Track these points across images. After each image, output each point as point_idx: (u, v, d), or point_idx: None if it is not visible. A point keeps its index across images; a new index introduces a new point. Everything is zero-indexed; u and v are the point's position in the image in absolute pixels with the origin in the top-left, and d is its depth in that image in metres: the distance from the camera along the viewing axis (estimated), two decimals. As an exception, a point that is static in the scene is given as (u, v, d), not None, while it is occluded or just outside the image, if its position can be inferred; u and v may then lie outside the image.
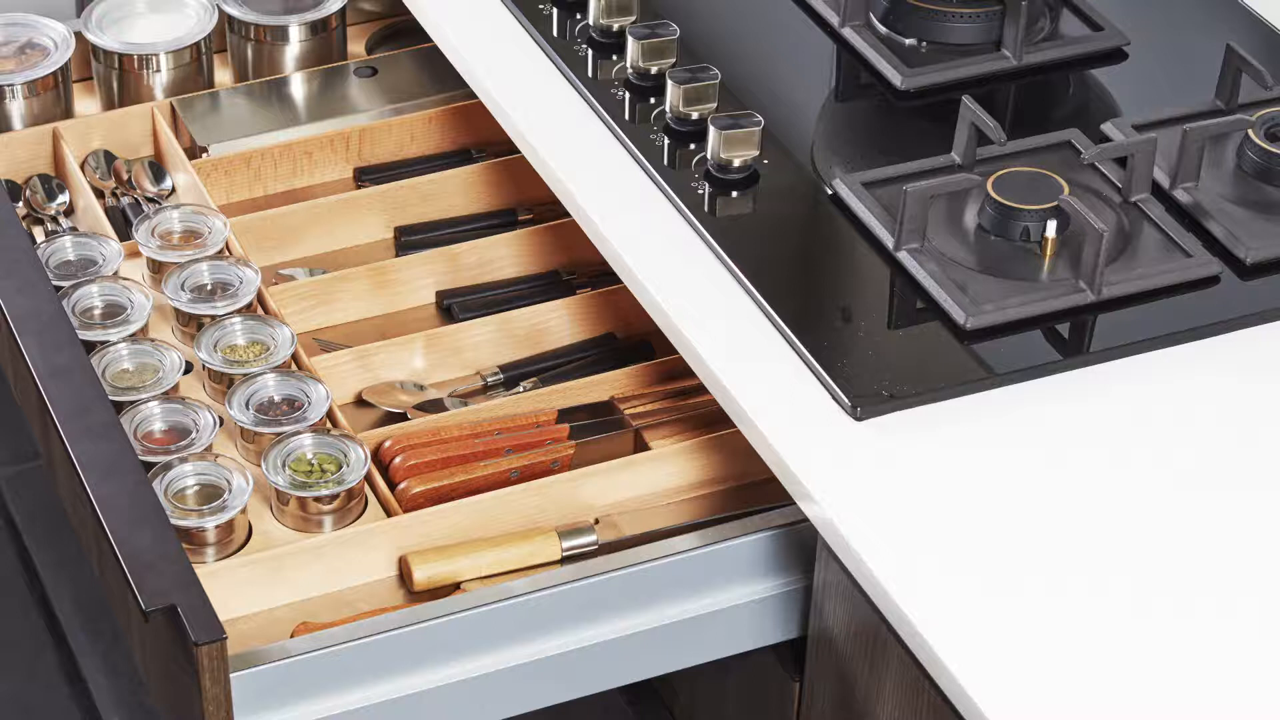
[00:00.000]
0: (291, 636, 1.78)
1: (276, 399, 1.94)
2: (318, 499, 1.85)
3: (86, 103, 2.36)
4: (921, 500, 1.70)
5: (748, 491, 1.92)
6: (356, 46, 2.45)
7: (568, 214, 2.05)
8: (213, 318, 2.01)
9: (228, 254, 2.09)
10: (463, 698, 1.75)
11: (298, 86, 2.34)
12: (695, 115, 2.03)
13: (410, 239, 2.20)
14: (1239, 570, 1.65)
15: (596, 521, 1.88)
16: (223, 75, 2.40)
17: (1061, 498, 1.70)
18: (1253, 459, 1.74)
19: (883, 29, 2.17)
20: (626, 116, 2.07)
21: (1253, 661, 1.58)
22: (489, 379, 2.06)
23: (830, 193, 1.98)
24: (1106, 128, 2.03)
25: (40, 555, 2.57)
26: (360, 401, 2.03)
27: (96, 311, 2.02)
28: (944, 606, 1.61)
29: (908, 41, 2.15)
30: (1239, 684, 1.56)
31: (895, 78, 2.10)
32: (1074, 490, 1.71)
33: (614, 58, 2.14)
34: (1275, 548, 1.67)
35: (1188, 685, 1.56)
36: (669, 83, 2.04)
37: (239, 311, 2.02)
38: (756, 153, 1.99)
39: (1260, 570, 1.65)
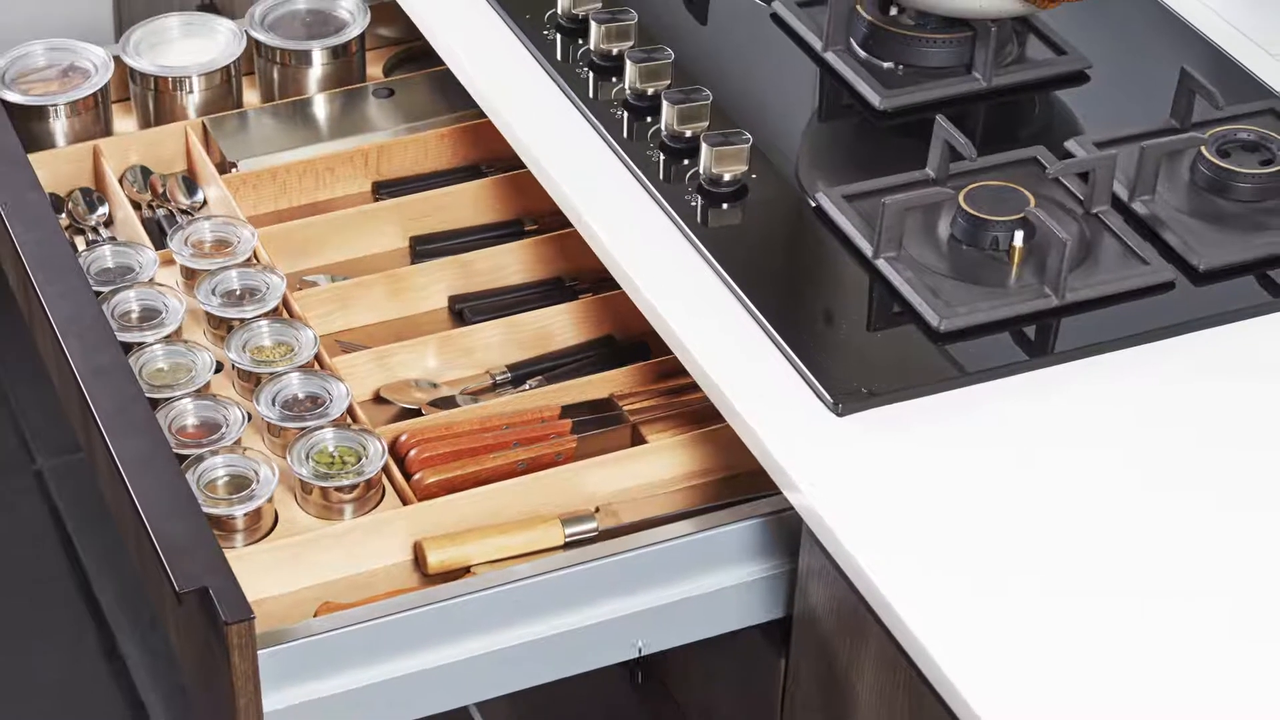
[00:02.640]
0: (315, 616, 1.80)
1: (300, 396, 1.96)
2: (339, 489, 1.87)
3: (124, 122, 2.36)
4: (898, 489, 1.72)
5: (737, 482, 1.93)
6: (375, 69, 2.44)
7: (571, 225, 2.06)
8: (241, 321, 2.03)
9: (255, 262, 2.10)
10: (472, 673, 1.77)
11: (320, 107, 2.36)
12: (688, 133, 2.05)
13: (424, 248, 2.22)
14: (1195, 559, 1.66)
15: (597, 510, 1.90)
16: (251, 96, 2.40)
17: (1027, 488, 1.72)
18: (1207, 452, 1.76)
19: (862, 53, 2.18)
20: (625, 134, 2.09)
21: (1216, 653, 1.59)
22: (497, 377, 2.07)
23: (814, 205, 2.00)
24: (1070, 145, 2.04)
25: (82, 542, 2.55)
26: (378, 398, 2.04)
27: (134, 315, 2.04)
28: (919, 587, 1.63)
29: (885, 65, 2.16)
30: (1202, 674, 1.58)
31: (874, 98, 2.12)
32: (1039, 481, 1.72)
33: (613, 80, 2.16)
34: (1229, 536, 1.68)
35: (1150, 669, 1.58)
36: (664, 103, 2.05)
37: (266, 315, 2.03)
38: (745, 168, 2.01)
39: (1217, 560, 1.66)
